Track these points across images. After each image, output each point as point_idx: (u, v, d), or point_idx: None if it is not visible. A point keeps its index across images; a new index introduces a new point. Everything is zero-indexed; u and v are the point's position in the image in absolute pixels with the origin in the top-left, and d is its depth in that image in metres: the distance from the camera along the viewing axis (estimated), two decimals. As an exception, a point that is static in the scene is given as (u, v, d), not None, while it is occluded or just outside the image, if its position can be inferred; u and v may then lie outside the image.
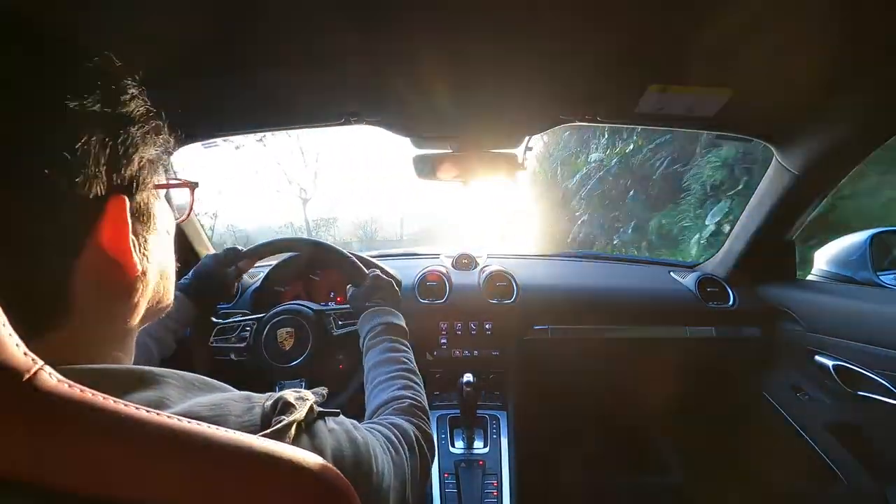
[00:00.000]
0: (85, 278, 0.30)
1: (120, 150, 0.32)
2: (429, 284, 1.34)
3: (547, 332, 1.31)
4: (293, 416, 0.32)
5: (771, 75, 0.81)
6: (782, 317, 1.26)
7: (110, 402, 0.23)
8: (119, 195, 0.31)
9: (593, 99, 0.91)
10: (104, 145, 0.30)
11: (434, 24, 0.67)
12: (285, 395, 0.34)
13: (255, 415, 0.32)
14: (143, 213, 0.35)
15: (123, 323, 0.35)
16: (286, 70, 0.79)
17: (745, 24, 0.67)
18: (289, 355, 0.90)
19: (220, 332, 0.95)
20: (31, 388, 0.21)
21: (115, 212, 0.31)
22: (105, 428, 0.23)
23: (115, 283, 0.33)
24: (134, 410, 0.24)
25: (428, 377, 1.28)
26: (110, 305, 0.33)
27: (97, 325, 0.32)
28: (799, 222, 1.22)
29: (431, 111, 0.97)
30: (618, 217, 4.98)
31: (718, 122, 0.95)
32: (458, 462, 1.13)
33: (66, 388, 0.22)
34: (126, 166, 0.32)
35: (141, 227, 0.35)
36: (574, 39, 0.71)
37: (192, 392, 0.32)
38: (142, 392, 0.29)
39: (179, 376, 0.33)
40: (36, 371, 0.22)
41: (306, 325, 0.91)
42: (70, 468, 0.22)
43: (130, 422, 0.23)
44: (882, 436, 1.02)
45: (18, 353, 0.21)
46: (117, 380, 0.29)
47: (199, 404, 0.30)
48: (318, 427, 0.36)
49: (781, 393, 1.23)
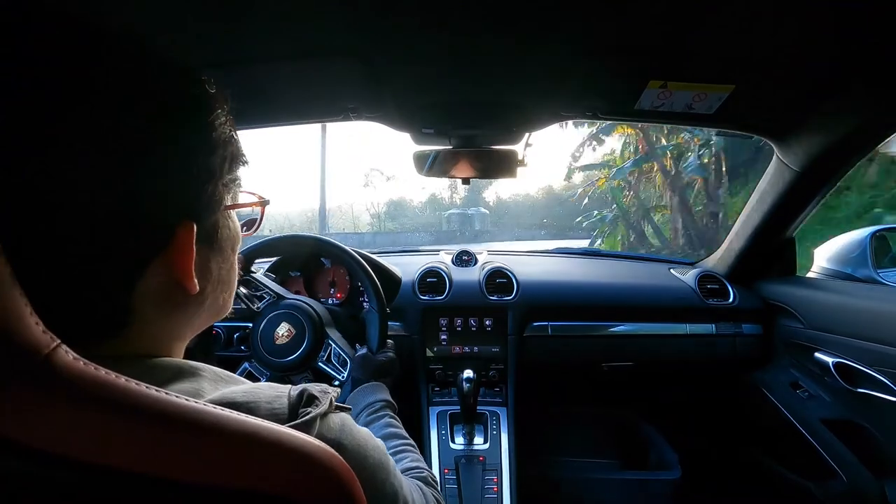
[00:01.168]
0: (145, 295, 0.31)
1: (202, 177, 0.32)
2: (429, 281, 1.34)
3: (547, 329, 1.32)
4: (319, 410, 0.33)
5: (771, 72, 0.80)
6: (782, 314, 1.26)
7: (122, 380, 0.24)
8: (189, 221, 0.31)
9: (593, 95, 0.91)
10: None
11: (432, 19, 0.67)
12: (310, 387, 0.35)
13: (283, 404, 0.32)
14: (211, 236, 0.35)
15: (179, 331, 0.36)
16: (284, 66, 0.79)
17: (745, 20, 0.67)
18: (286, 351, 0.90)
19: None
20: (47, 364, 0.22)
21: (183, 237, 0.31)
22: (117, 405, 0.23)
23: (174, 300, 0.33)
24: (145, 390, 0.25)
25: (428, 373, 1.29)
26: (167, 318, 0.34)
27: (152, 334, 0.33)
28: (799, 219, 1.22)
29: (431, 107, 0.96)
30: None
31: (719, 118, 0.94)
32: (458, 458, 1.14)
33: (82, 365, 0.23)
34: (202, 193, 0.33)
35: (206, 249, 0.35)
36: (574, 35, 0.71)
37: (221, 384, 0.33)
38: (180, 383, 0.31)
39: (212, 370, 0.34)
40: (53, 348, 0.22)
41: (304, 321, 0.91)
42: (81, 441, 0.23)
43: (141, 399, 0.24)
44: (882, 433, 1.02)
45: (37, 330, 0.22)
46: (159, 371, 0.31)
47: (233, 392, 0.31)
48: (339, 418, 0.37)
49: (781, 389, 1.23)
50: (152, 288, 0.31)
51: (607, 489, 1.43)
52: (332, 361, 0.90)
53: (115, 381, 0.24)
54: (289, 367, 0.89)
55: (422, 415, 1.25)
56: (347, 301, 1.22)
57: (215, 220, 0.35)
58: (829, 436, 1.09)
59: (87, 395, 0.23)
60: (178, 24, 0.66)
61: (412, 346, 1.30)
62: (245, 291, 0.94)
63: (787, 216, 1.21)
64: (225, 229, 0.37)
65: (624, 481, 1.46)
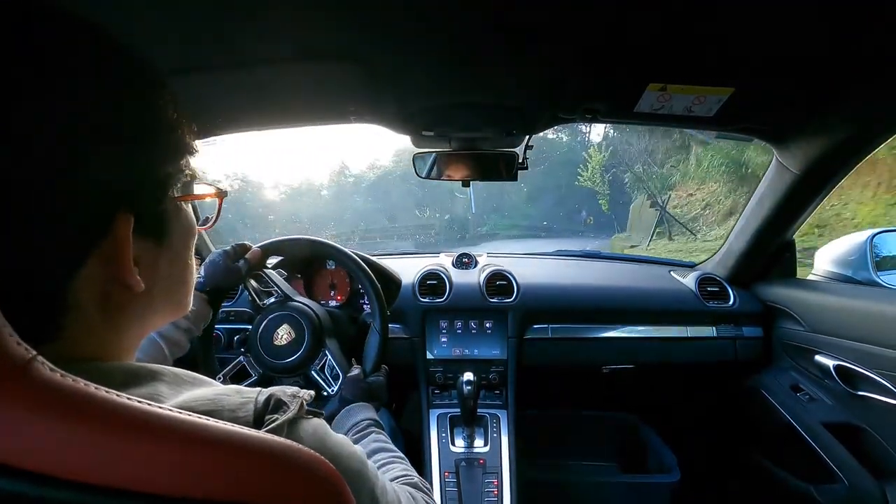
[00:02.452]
0: (84, 293, 0.29)
1: (140, 164, 0.31)
2: (429, 283, 1.34)
3: (547, 332, 1.32)
4: (286, 416, 0.31)
5: (771, 74, 0.80)
6: (783, 316, 1.26)
7: (102, 392, 0.24)
8: (126, 212, 0.29)
9: (592, 98, 0.91)
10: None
11: (432, 22, 0.67)
12: (276, 392, 0.33)
13: (248, 411, 0.31)
14: (157, 229, 0.33)
15: (128, 333, 0.34)
16: (284, 68, 0.79)
17: (745, 23, 0.67)
18: (283, 353, 0.90)
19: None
20: (24, 376, 0.22)
21: (120, 228, 0.29)
22: (95, 416, 0.23)
23: (117, 299, 0.31)
24: (126, 400, 0.24)
25: (428, 376, 1.29)
26: (111, 319, 0.31)
27: (98, 336, 0.31)
28: (799, 221, 1.22)
29: (430, 110, 0.97)
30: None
31: (718, 121, 0.95)
32: (458, 461, 1.14)
33: (59, 377, 0.23)
34: (143, 181, 0.31)
35: (152, 244, 0.33)
36: (573, 37, 0.71)
37: (183, 387, 0.31)
38: (136, 388, 0.29)
39: (171, 372, 0.32)
40: (30, 360, 0.22)
41: (305, 327, 0.91)
42: (60, 454, 0.22)
43: (121, 410, 0.24)
44: (882, 436, 1.02)
45: (12, 343, 0.22)
46: (113, 376, 0.29)
47: (193, 398, 0.30)
48: (311, 425, 0.35)
49: (781, 392, 1.23)
50: (92, 285, 0.29)
51: (607, 492, 1.43)
52: (325, 373, 0.90)
53: (94, 392, 0.23)
54: (282, 370, 0.89)
55: (422, 417, 1.25)
56: (347, 303, 1.22)
57: (161, 212, 0.33)
58: (829, 439, 1.09)
59: (68, 406, 0.22)
60: (178, 25, 0.66)
61: (412, 349, 1.30)
62: (255, 286, 0.94)
63: (787, 218, 1.21)
64: (174, 222, 0.34)
65: (623, 484, 1.46)
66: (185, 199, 0.36)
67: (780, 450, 1.27)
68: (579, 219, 15.69)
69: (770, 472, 1.28)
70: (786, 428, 1.19)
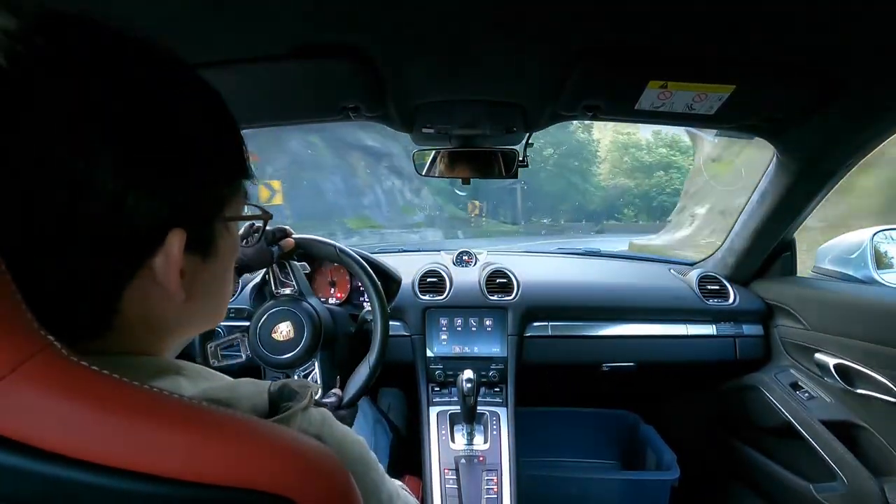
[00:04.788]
0: (131, 300, 0.31)
1: (203, 184, 0.32)
2: (429, 280, 1.34)
3: (547, 329, 1.32)
4: (300, 404, 0.33)
5: (772, 72, 0.80)
6: (783, 314, 1.26)
7: (114, 377, 0.25)
8: (179, 229, 0.31)
9: (593, 95, 0.91)
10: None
11: (433, 18, 0.67)
12: (290, 382, 0.35)
13: (263, 399, 0.33)
14: (205, 246, 0.34)
15: (165, 337, 0.35)
16: (283, 65, 0.79)
17: (745, 21, 0.67)
18: (277, 348, 0.90)
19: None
20: (41, 361, 0.23)
21: (172, 244, 0.30)
22: (106, 399, 0.24)
23: (160, 307, 0.33)
24: (136, 385, 0.25)
25: (428, 373, 1.29)
26: (151, 325, 0.33)
27: (137, 336, 0.33)
28: (799, 220, 1.22)
29: (431, 107, 0.96)
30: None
31: (719, 119, 0.94)
32: (458, 458, 1.14)
33: (74, 362, 0.24)
34: (198, 201, 0.32)
35: (199, 259, 0.34)
36: (573, 35, 0.71)
37: (201, 381, 0.33)
38: (159, 380, 0.30)
39: (192, 367, 0.35)
40: (47, 346, 0.23)
41: (306, 331, 0.91)
42: (71, 435, 0.23)
43: (133, 395, 0.25)
44: (882, 434, 1.02)
45: (32, 328, 0.23)
46: (144, 369, 0.31)
47: (213, 388, 0.32)
48: (320, 413, 0.37)
49: (781, 390, 1.23)
50: (139, 293, 0.31)
51: (606, 489, 1.43)
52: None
53: (107, 378, 0.24)
54: (270, 363, 0.90)
55: (422, 415, 1.25)
56: (348, 301, 1.22)
57: (211, 231, 0.34)
58: (829, 437, 1.09)
59: (81, 391, 0.23)
60: (175, 22, 0.66)
61: (412, 346, 1.30)
62: (277, 272, 0.95)
63: (787, 217, 1.21)
64: (222, 240, 0.36)
65: (623, 481, 1.47)
66: (235, 220, 0.37)
67: (780, 448, 1.27)
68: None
69: (769, 469, 1.28)
70: (785, 426, 1.19)
